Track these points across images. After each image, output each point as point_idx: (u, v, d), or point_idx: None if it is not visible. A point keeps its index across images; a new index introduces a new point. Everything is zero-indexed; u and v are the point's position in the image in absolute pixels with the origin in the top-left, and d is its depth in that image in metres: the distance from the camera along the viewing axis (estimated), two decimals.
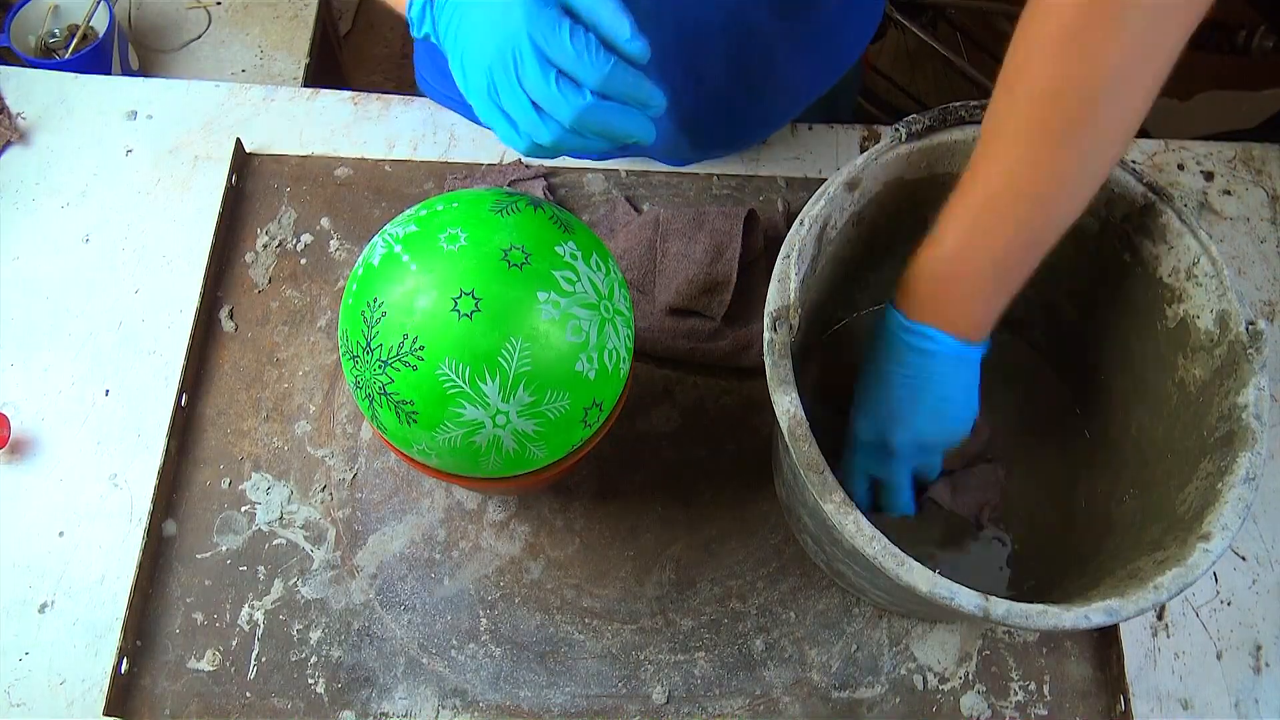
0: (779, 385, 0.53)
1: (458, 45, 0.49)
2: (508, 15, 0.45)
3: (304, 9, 1.19)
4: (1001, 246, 0.55)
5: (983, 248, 0.55)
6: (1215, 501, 0.53)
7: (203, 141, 0.84)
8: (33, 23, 1.03)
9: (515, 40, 0.45)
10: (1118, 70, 0.49)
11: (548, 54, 0.44)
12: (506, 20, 0.45)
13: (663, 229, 0.76)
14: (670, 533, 0.71)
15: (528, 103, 0.46)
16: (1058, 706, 0.67)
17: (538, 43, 0.44)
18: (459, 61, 0.49)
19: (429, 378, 0.50)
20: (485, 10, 0.47)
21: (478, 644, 0.68)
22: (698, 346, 0.75)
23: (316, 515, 0.71)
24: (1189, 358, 0.60)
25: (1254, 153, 0.88)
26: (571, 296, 0.52)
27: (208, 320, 0.77)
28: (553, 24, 0.44)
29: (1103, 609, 0.49)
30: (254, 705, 0.65)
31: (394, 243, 0.54)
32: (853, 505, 0.51)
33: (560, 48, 0.44)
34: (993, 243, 0.55)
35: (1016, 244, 0.55)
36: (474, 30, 0.47)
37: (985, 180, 0.54)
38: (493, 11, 0.46)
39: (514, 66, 0.45)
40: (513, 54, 0.45)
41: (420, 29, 0.51)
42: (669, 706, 0.66)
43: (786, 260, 0.56)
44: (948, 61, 1.57)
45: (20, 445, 0.72)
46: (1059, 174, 0.53)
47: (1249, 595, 0.71)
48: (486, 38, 0.46)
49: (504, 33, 0.45)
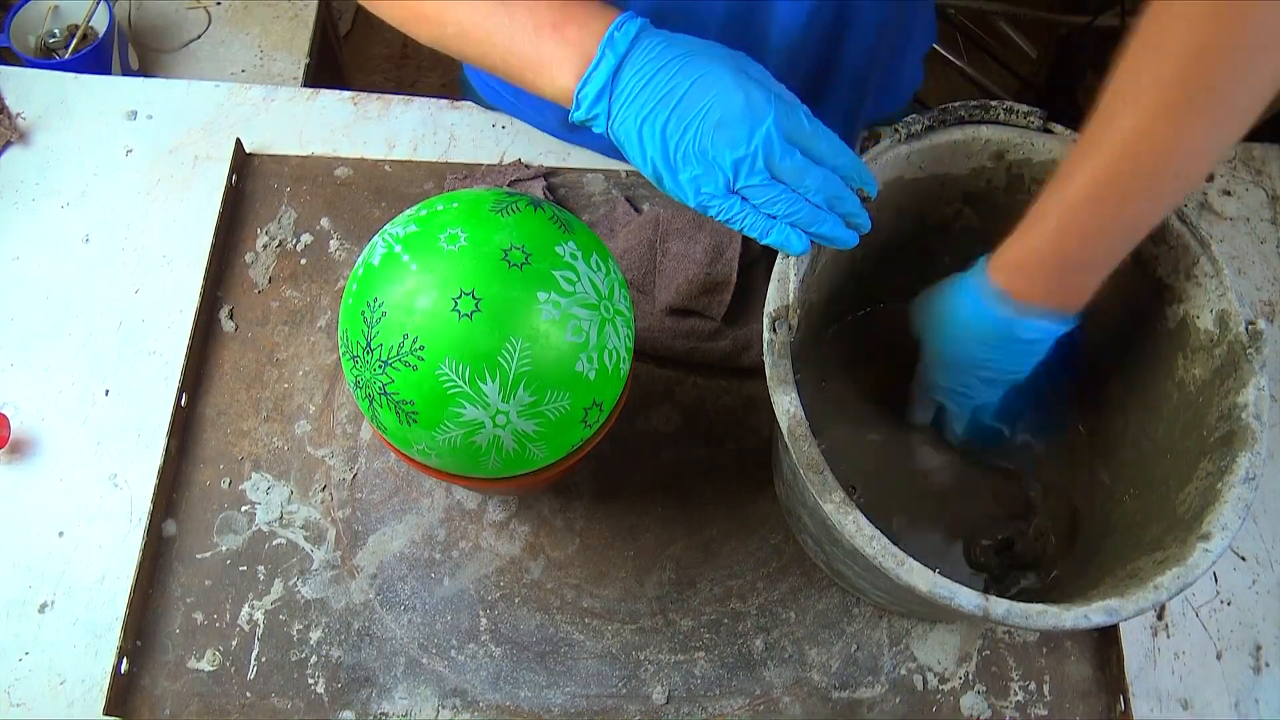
0: (779, 385, 0.53)
1: (668, 140, 0.52)
2: (753, 115, 0.50)
3: (304, 9, 1.19)
4: (1121, 223, 0.53)
5: (1104, 224, 0.53)
6: (1215, 501, 0.53)
7: (203, 141, 0.84)
8: (33, 23, 1.03)
9: (765, 135, 0.50)
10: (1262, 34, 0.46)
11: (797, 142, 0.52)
12: (752, 119, 0.50)
13: (663, 229, 0.76)
14: (670, 533, 0.71)
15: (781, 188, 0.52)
16: (1058, 706, 0.67)
17: (788, 136, 0.51)
18: (669, 154, 0.52)
19: (429, 378, 0.50)
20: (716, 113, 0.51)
21: (478, 644, 0.68)
22: (698, 346, 0.75)
23: (316, 515, 0.71)
24: (1189, 358, 0.60)
25: (1254, 153, 0.88)
26: (571, 296, 0.52)
27: (208, 320, 0.77)
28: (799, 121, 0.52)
29: (1103, 609, 0.49)
30: (254, 705, 0.65)
31: (394, 243, 0.54)
32: (852, 505, 0.51)
33: (800, 132, 0.52)
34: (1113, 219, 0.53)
35: (1134, 218, 0.53)
36: (705, 131, 0.51)
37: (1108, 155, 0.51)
38: (730, 112, 0.50)
39: (763, 157, 0.51)
40: (763, 145, 0.50)
41: (587, 111, 0.53)
42: (669, 706, 0.66)
43: (786, 260, 0.56)
44: (948, 61, 1.57)
45: (20, 445, 0.72)
46: (1193, 142, 0.50)
47: (1249, 595, 0.71)
48: (722, 140, 0.51)
49: (744, 131, 0.50)
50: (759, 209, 0.52)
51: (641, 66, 0.52)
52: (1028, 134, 0.61)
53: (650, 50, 0.52)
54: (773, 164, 0.51)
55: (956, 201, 0.66)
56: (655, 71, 0.51)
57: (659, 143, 0.52)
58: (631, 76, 0.52)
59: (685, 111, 0.51)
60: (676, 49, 0.52)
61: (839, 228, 0.54)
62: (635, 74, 0.52)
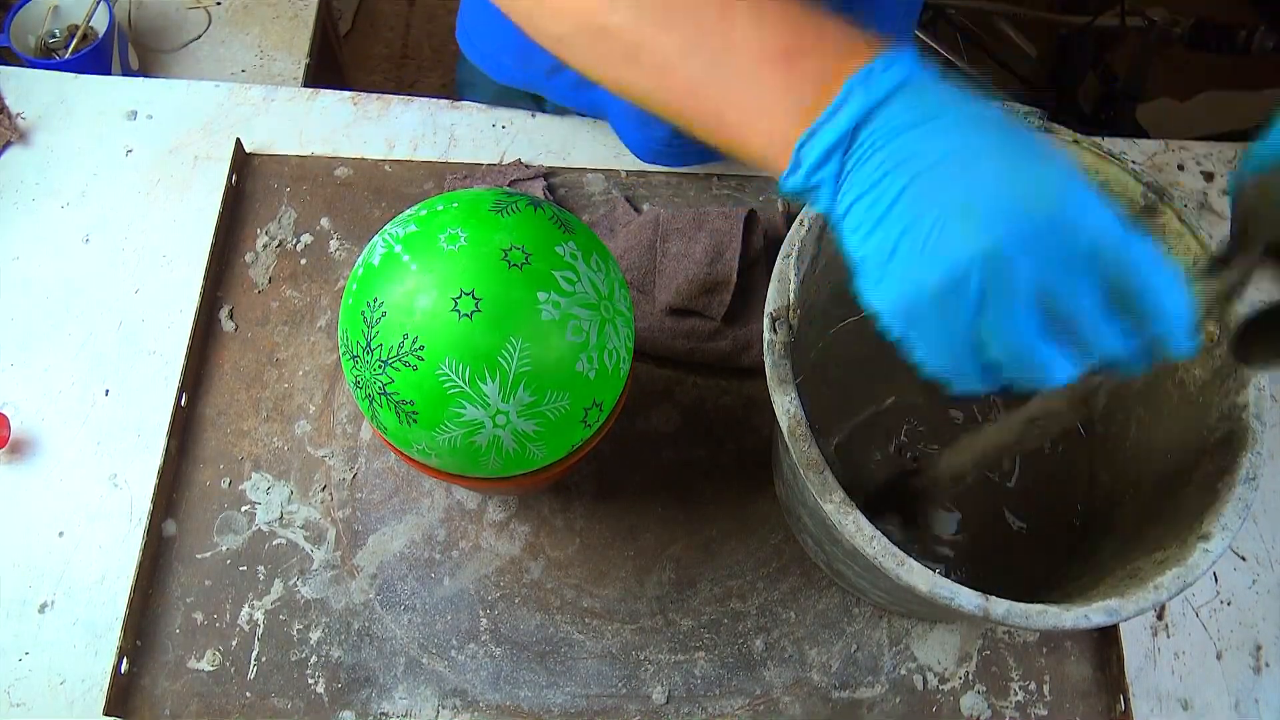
0: (779, 385, 0.53)
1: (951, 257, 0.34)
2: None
3: (304, 9, 1.19)
4: None
5: None
6: (1215, 501, 0.53)
7: (203, 141, 0.84)
8: (33, 23, 1.03)
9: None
10: None
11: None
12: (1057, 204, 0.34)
13: (663, 229, 0.76)
14: (670, 533, 0.71)
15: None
16: (1058, 706, 0.67)
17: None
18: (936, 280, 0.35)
19: (429, 378, 0.50)
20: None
21: (478, 644, 0.68)
22: (698, 346, 0.75)
23: (316, 515, 0.71)
24: None
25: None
26: (572, 296, 0.52)
27: (208, 320, 0.77)
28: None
29: (1103, 609, 0.49)
30: (254, 705, 0.65)
31: (394, 243, 0.54)
32: (852, 505, 0.51)
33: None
34: None
35: None
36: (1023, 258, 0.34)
37: None
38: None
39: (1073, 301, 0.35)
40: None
41: (809, 173, 0.38)
42: (669, 706, 0.66)
43: (786, 260, 0.56)
44: (948, 61, 1.57)
45: (20, 445, 0.72)
46: None
47: (1249, 595, 0.71)
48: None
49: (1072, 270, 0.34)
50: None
51: (893, 119, 0.36)
52: None
53: (911, 98, 0.36)
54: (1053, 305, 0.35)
55: None
56: (909, 126, 0.36)
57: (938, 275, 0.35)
58: (878, 130, 0.36)
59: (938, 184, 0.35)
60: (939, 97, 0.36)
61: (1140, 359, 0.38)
62: (883, 128, 0.36)
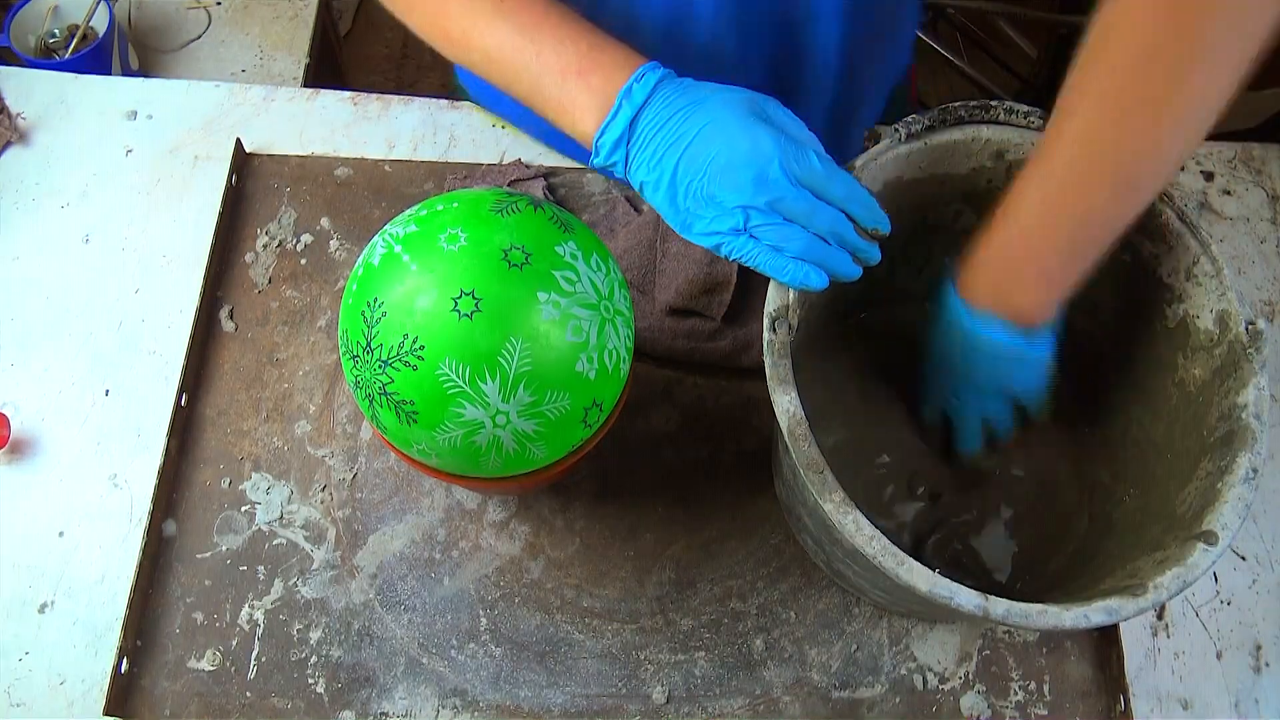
0: (779, 385, 0.53)
1: (678, 185, 0.52)
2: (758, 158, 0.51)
3: (304, 9, 1.19)
4: (1082, 223, 0.53)
5: (1062, 225, 0.53)
6: (1215, 501, 0.53)
7: (203, 141, 0.84)
8: (33, 23, 1.03)
9: (769, 176, 0.51)
10: (1217, 34, 0.46)
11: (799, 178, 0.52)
12: (757, 162, 0.50)
13: (663, 229, 0.76)
14: (670, 533, 0.71)
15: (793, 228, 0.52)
16: (1058, 706, 0.67)
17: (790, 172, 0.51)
18: (680, 200, 0.53)
19: (429, 378, 0.50)
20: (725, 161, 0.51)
21: (478, 644, 0.68)
22: (698, 346, 0.75)
23: (316, 515, 0.71)
24: (1189, 358, 0.60)
25: (1254, 153, 0.88)
26: (572, 296, 0.52)
27: (208, 320, 0.77)
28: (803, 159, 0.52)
29: (1103, 609, 0.49)
30: (254, 705, 0.65)
31: (394, 243, 0.54)
32: (852, 505, 0.51)
33: (810, 172, 0.52)
34: (1072, 219, 0.53)
35: (1097, 221, 0.53)
36: (713, 175, 0.51)
37: (1065, 153, 0.52)
38: (736, 156, 0.51)
39: (769, 198, 0.51)
40: (769, 186, 0.51)
41: (606, 158, 0.54)
42: (669, 706, 0.66)
43: None
44: (948, 61, 1.57)
45: (20, 445, 0.72)
46: (1147, 145, 0.50)
47: (1249, 595, 0.71)
48: (728, 184, 0.51)
49: (748, 175, 0.51)
50: (772, 247, 0.52)
51: (655, 115, 0.52)
52: (1027, 134, 0.61)
53: (665, 99, 0.52)
54: (781, 205, 0.51)
55: (956, 201, 0.66)
56: (667, 119, 0.52)
57: (670, 189, 0.53)
58: (646, 125, 0.52)
59: (693, 157, 0.52)
60: (690, 96, 0.52)
61: (846, 263, 0.54)
62: (649, 123, 0.52)
